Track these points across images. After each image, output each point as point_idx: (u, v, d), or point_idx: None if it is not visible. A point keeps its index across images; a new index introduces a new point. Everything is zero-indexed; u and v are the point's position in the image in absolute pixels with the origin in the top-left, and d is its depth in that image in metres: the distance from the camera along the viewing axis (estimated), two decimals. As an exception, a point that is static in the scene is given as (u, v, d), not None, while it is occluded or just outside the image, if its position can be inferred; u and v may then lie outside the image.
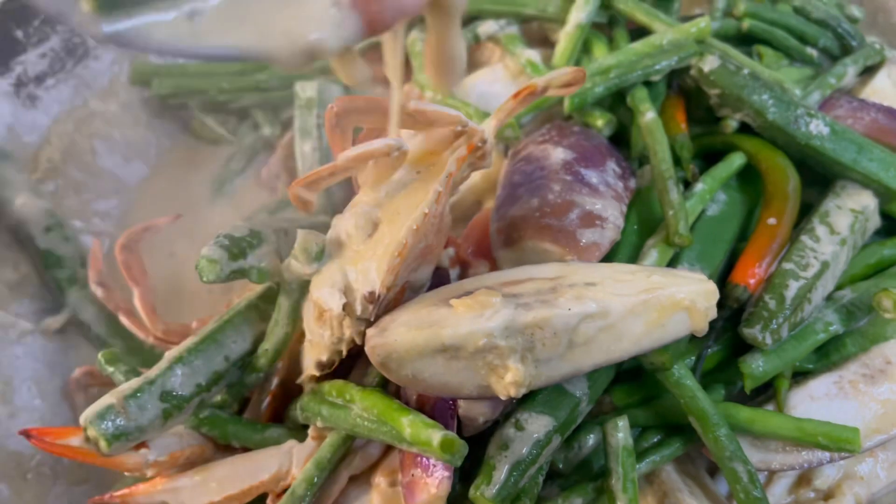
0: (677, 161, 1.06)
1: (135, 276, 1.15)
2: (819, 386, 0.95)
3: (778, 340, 0.91)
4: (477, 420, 0.88)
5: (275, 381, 0.99)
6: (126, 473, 0.93)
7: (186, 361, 0.91)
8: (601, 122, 1.11)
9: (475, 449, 0.85)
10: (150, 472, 0.91)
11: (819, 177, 1.09)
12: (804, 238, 0.99)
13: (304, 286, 0.93)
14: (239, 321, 0.97)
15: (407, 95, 1.23)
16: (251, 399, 1.03)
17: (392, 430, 0.84)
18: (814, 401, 0.94)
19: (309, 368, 0.93)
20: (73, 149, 1.40)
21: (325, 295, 0.86)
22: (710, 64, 1.10)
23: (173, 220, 1.25)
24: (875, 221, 1.06)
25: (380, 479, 0.90)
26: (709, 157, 1.11)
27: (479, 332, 0.79)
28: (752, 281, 0.95)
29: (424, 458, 0.84)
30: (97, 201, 1.39)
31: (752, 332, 0.91)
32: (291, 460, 0.93)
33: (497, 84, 1.25)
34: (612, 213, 0.97)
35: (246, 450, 0.97)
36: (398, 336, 0.80)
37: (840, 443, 0.87)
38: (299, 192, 0.87)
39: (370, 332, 0.84)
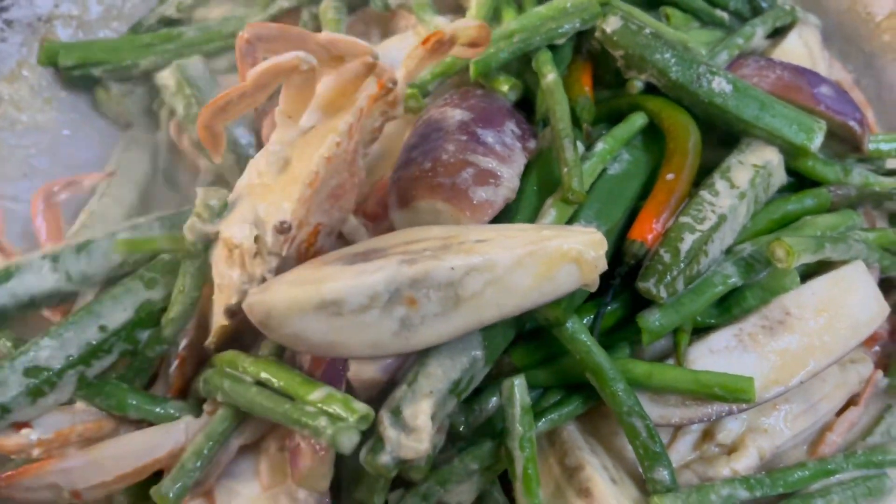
0: (578, 123, 1.06)
1: (50, 233, 1.11)
2: (718, 339, 0.96)
3: (673, 294, 0.92)
4: (369, 383, 0.87)
5: (183, 343, 0.97)
6: (12, 457, 0.90)
7: (54, 334, 0.89)
8: (506, 86, 1.11)
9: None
10: (36, 453, 0.89)
11: (729, 137, 1.09)
12: (703, 192, 1.00)
13: (207, 246, 0.92)
14: (119, 291, 0.95)
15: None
16: (159, 373, 1.01)
17: (288, 409, 0.83)
18: (713, 354, 0.94)
19: (218, 317, 0.91)
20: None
21: (234, 230, 0.86)
22: (612, 24, 1.11)
23: (102, 179, 1.21)
24: (780, 177, 1.07)
25: (269, 444, 0.90)
26: (617, 119, 1.11)
27: (362, 287, 0.77)
28: (649, 236, 0.96)
29: None
30: (5, 185, 1.35)
31: (647, 285, 0.91)
32: (186, 436, 0.90)
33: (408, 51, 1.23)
34: (506, 172, 0.97)
35: (148, 425, 0.95)
36: (278, 293, 0.79)
37: (735, 392, 0.89)
38: (208, 121, 0.85)
39: (252, 290, 0.82)
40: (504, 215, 0.98)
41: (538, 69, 1.09)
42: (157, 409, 0.95)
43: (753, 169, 1.02)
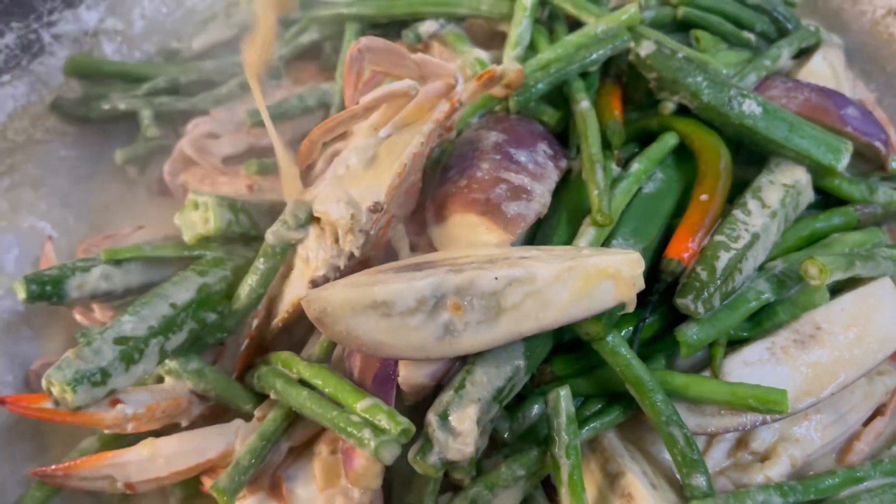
0: (609, 146, 1.12)
1: None
2: (752, 352, 1.00)
3: (710, 309, 0.96)
4: (417, 388, 0.92)
5: (254, 323, 1.04)
6: (106, 431, 0.97)
7: (133, 312, 0.98)
8: (548, 119, 1.17)
9: (414, 415, 0.89)
10: (130, 427, 0.95)
11: (758, 156, 1.15)
12: (736, 212, 1.04)
13: (285, 252, 1.01)
14: (177, 279, 1.04)
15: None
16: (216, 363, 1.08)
17: (336, 416, 0.89)
18: (747, 366, 0.99)
19: (299, 290, 0.98)
20: (29, 145, 1.41)
21: (331, 208, 0.95)
22: (646, 49, 1.16)
23: (134, 231, 1.28)
24: (808, 196, 1.11)
25: (321, 448, 0.95)
26: (648, 140, 1.16)
27: (410, 290, 0.82)
28: (685, 255, 1.01)
29: None
30: (53, 197, 1.40)
31: (685, 301, 0.96)
32: (238, 438, 0.96)
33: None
34: (538, 189, 1.04)
35: (218, 405, 1.02)
36: (334, 292, 0.85)
37: (769, 404, 0.93)
38: (318, 137, 0.98)
39: (310, 290, 0.88)
40: (542, 237, 1.04)
41: (571, 97, 1.15)
42: (234, 389, 1.01)
43: (784, 188, 1.07)
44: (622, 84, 1.22)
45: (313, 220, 0.99)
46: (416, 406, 0.93)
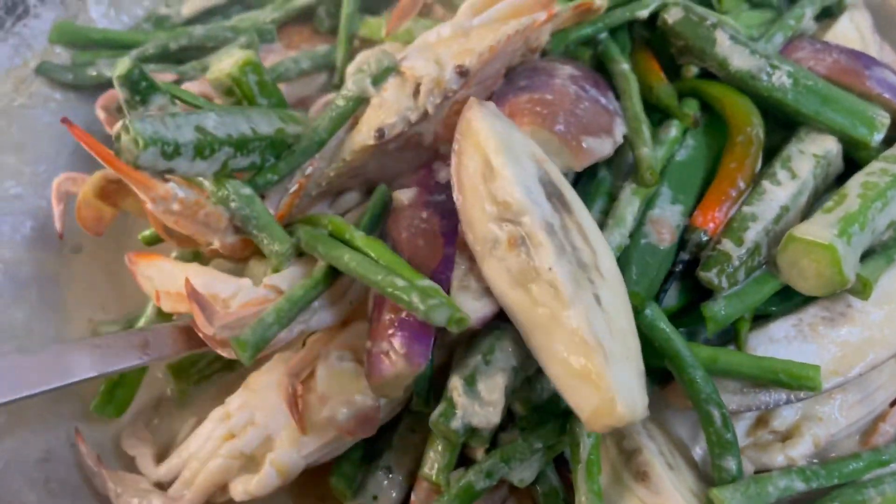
0: (654, 108, 1.08)
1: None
2: (779, 328, 0.97)
3: (735, 284, 0.94)
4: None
5: (308, 170, 1.02)
6: (148, 207, 0.94)
7: (219, 112, 0.96)
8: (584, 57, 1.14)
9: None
10: (175, 207, 0.93)
11: (785, 122, 1.10)
12: (765, 182, 1.01)
13: (358, 103, 1.00)
14: (263, 112, 1.02)
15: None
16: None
17: (384, 278, 0.85)
18: (773, 342, 0.96)
19: (365, 136, 0.98)
20: (12, 108, 1.36)
21: (418, 63, 0.97)
22: (674, 15, 1.12)
23: None
24: (837, 166, 1.08)
25: (331, 351, 0.93)
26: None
27: None
28: (711, 225, 0.97)
29: (402, 333, 0.84)
30: (37, 162, 1.34)
31: (709, 275, 0.93)
32: (238, 296, 0.94)
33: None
34: (617, 129, 1.01)
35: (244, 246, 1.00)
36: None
37: (801, 380, 0.90)
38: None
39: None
40: (582, 192, 0.98)
41: (609, 58, 1.12)
42: (274, 227, 0.97)
43: (814, 159, 1.03)
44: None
45: (396, 74, 0.99)
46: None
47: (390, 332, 0.85)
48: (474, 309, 0.86)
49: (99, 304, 1.26)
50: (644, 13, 1.13)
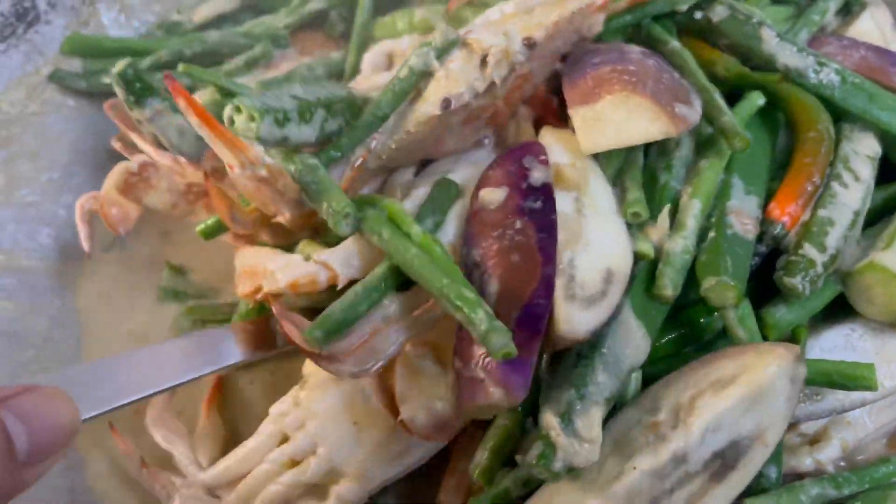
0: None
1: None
2: (829, 339, 0.97)
3: (815, 291, 0.92)
4: (573, 340, 0.85)
5: (372, 144, 0.99)
6: (235, 172, 0.92)
7: (300, 83, 0.99)
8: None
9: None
10: (262, 172, 0.91)
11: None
12: (834, 185, 0.99)
13: (421, 77, 0.98)
14: (332, 84, 1.05)
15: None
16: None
17: (447, 285, 0.81)
18: (823, 353, 0.95)
19: (431, 107, 0.96)
20: (25, 116, 1.35)
21: (484, 35, 0.98)
22: (718, 14, 1.11)
23: None
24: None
25: (409, 348, 0.90)
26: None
27: None
28: (786, 219, 0.96)
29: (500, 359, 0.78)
30: (52, 170, 1.33)
31: (793, 281, 0.91)
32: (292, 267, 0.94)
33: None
34: (696, 100, 0.99)
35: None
36: None
37: (856, 380, 0.89)
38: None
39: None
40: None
41: (657, 39, 1.10)
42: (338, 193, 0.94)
43: (869, 161, 1.03)
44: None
45: (462, 46, 1.00)
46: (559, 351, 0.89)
47: (483, 353, 0.80)
48: (585, 321, 0.83)
49: (115, 313, 1.26)
50: (683, 6, 1.11)
